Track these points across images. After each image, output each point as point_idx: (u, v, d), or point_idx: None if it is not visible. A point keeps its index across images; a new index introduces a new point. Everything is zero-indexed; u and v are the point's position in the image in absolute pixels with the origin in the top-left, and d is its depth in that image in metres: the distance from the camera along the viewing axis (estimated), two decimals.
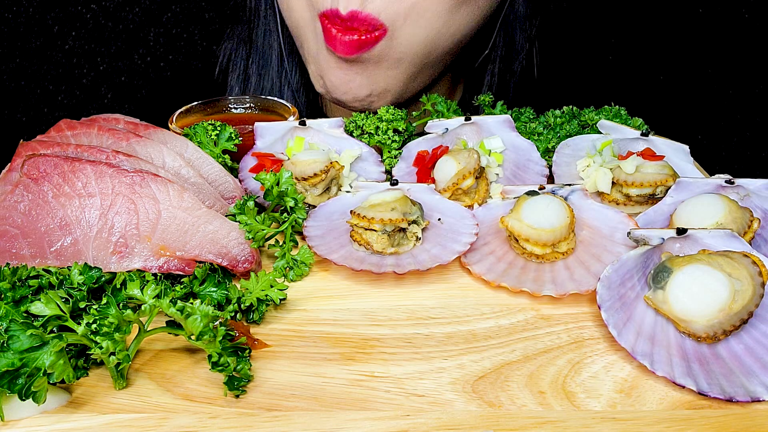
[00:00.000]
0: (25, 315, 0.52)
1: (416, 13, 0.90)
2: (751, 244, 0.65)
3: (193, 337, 0.53)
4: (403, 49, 0.93)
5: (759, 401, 0.52)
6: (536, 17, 1.09)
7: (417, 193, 0.75)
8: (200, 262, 0.66)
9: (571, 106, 0.92)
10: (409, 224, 0.70)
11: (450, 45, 0.97)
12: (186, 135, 0.83)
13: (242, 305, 0.61)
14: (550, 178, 0.84)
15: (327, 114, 1.18)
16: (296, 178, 0.77)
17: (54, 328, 0.52)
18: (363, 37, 0.89)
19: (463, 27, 0.96)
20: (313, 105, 1.17)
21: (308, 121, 0.84)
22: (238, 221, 0.68)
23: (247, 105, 0.98)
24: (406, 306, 0.65)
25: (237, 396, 0.53)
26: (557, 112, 0.91)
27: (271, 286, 0.63)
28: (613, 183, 0.77)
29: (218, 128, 0.83)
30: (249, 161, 0.84)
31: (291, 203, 0.71)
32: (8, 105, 1.67)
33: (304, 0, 0.94)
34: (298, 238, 0.75)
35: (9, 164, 0.71)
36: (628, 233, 0.64)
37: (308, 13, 0.94)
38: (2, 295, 0.55)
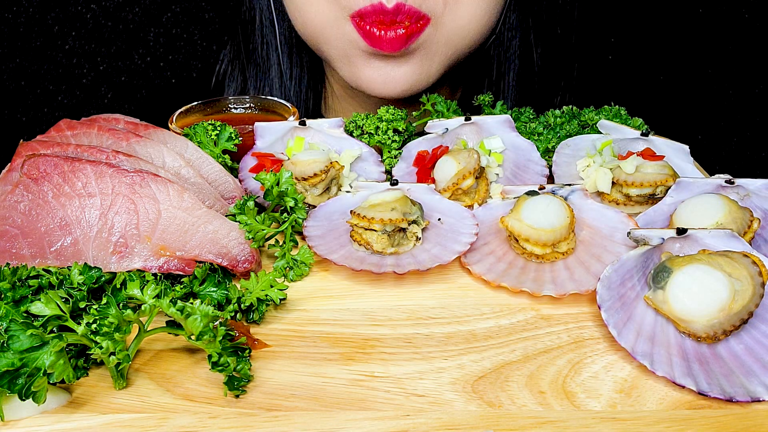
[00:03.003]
0: (25, 315, 0.52)
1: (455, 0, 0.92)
2: (751, 244, 0.65)
3: (193, 337, 0.53)
4: (447, 37, 0.94)
5: (759, 401, 0.52)
6: (531, 3, 1.09)
7: (417, 193, 0.75)
8: (200, 262, 0.66)
9: (571, 106, 0.91)
10: (409, 224, 0.70)
11: (488, 29, 0.99)
12: (186, 135, 0.83)
13: (242, 305, 0.61)
14: (550, 178, 0.84)
15: None
16: (296, 178, 0.77)
17: (54, 328, 0.52)
18: (408, 29, 0.90)
19: (497, 11, 0.98)
20: (315, 116, 1.17)
21: (308, 121, 0.84)
22: (238, 221, 0.68)
23: (247, 105, 0.98)
24: (406, 306, 0.65)
25: (237, 396, 0.53)
26: (557, 112, 0.91)
27: (271, 286, 0.63)
28: (613, 183, 0.77)
29: (218, 128, 0.83)
30: (249, 161, 0.84)
31: (291, 203, 0.71)
32: (8, 105, 1.67)
33: (323, 1, 0.93)
34: (298, 238, 0.75)
35: (9, 164, 0.71)
36: (628, 233, 0.64)
37: (331, 14, 0.93)
38: (2, 295, 0.55)
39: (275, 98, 0.97)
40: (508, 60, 1.11)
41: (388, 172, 0.86)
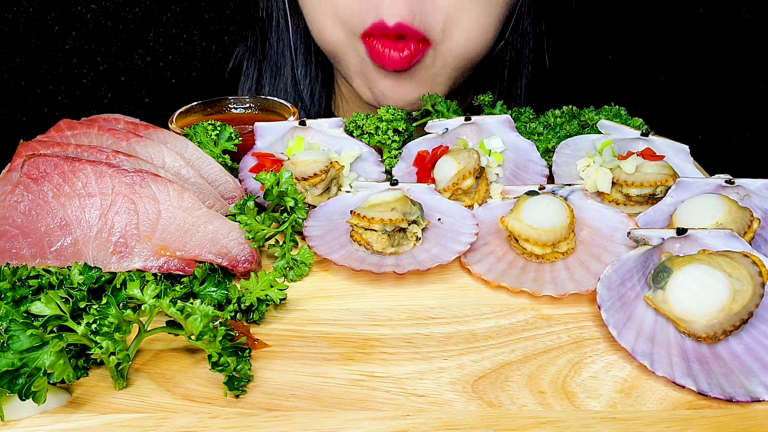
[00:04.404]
0: (25, 315, 0.52)
1: (454, 24, 0.94)
2: (751, 244, 0.65)
3: (193, 337, 0.53)
4: (448, 59, 0.97)
5: (759, 401, 0.52)
6: (546, 8, 1.10)
7: (417, 193, 0.75)
8: (200, 262, 0.66)
9: (571, 106, 0.92)
10: (409, 224, 0.70)
11: (487, 46, 1.01)
12: (186, 135, 0.83)
13: (242, 305, 0.61)
14: (550, 178, 0.84)
15: None
16: (296, 178, 0.77)
17: (54, 328, 0.52)
18: (412, 50, 0.93)
19: (496, 27, 1.00)
20: (327, 114, 1.18)
21: (308, 121, 0.84)
22: (238, 221, 0.68)
23: (247, 105, 0.98)
24: (406, 306, 0.65)
25: (237, 396, 0.53)
26: (557, 112, 0.91)
27: (271, 286, 0.63)
28: (613, 183, 0.77)
29: (218, 128, 0.83)
30: (249, 161, 0.84)
31: (291, 203, 0.71)
32: (8, 105, 1.67)
33: (336, 24, 0.97)
34: (298, 238, 0.75)
35: (9, 164, 0.71)
36: (628, 233, 0.64)
37: (343, 35, 0.97)
38: (2, 295, 0.55)
39: (275, 98, 0.97)
40: (520, 64, 1.13)
41: (388, 172, 0.86)
